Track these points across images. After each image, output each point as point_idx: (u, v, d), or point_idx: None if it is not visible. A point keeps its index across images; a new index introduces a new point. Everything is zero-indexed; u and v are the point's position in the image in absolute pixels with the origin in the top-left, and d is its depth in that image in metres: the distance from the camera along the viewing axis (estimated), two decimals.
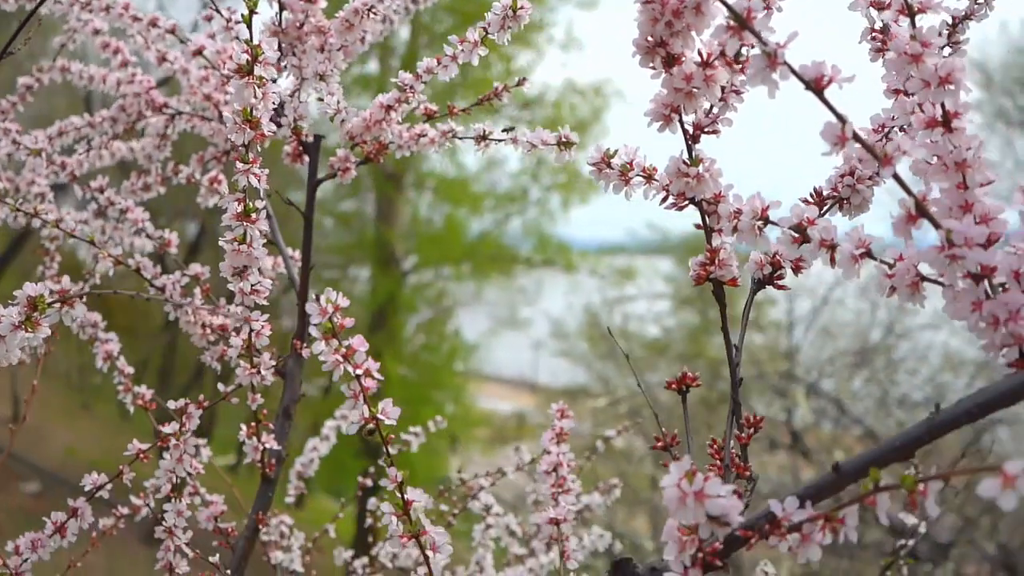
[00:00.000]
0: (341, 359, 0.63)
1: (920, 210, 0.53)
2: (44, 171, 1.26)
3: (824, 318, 7.75)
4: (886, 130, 0.70)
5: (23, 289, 0.68)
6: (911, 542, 1.10)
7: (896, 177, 0.53)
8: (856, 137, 0.51)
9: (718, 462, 0.65)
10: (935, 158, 0.56)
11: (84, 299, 1.01)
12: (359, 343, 0.64)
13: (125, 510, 1.13)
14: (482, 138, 0.99)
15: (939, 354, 7.35)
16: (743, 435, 0.65)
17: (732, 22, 0.51)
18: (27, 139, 1.15)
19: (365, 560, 1.35)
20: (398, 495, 0.66)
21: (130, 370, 1.12)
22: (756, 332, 9.64)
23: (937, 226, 0.52)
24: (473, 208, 11.83)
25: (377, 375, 0.64)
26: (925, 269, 0.56)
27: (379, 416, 0.65)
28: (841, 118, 0.51)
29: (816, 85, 0.52)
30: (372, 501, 1.21)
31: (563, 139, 0.86)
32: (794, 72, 0.51)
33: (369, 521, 1.38)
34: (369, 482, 1.47)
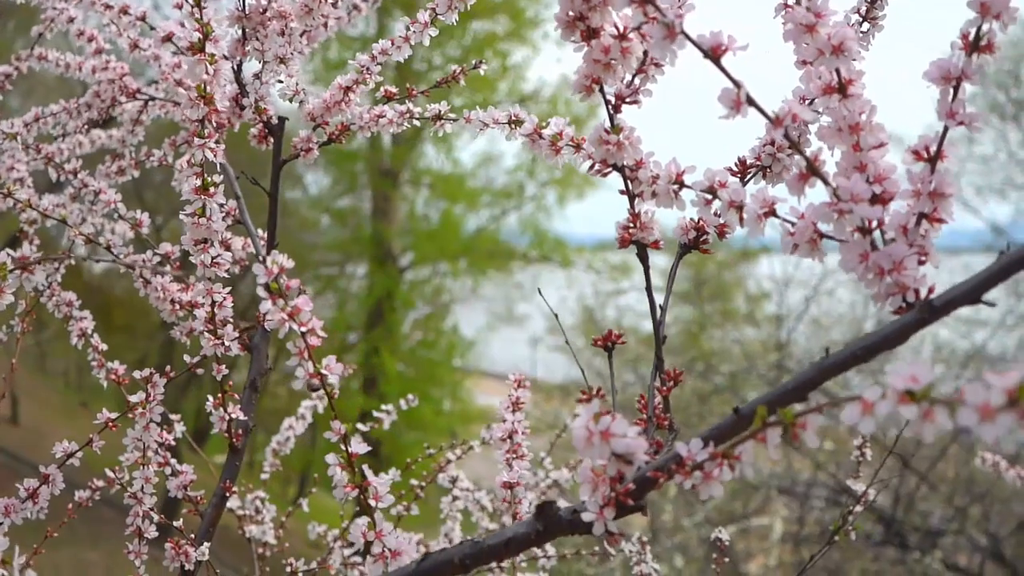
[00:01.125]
0: (287, 318, 0.67)
1: (811, 169, 0.56)
2: (22, 156, 1.30)
3: (819, 310, 7.80)
4: (806, 101, 0.74)
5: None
6: (858, 508, 1.14)
7: (787, 138, 0.56)
8: (750, 101, 0.55)
9: (643, 415, 0.69)
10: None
11: (59, 269, 1.05)
12: (304, 303, 0.68)
13: (100, 482, 1.17)
14: (437, 118, 1.03)
15: (930, 345, 7.41)
16: (664, 388, 0.69)
17: None
18: (3, 124, 1.19)
19: (336, 532, 1.40)
20: (342, 447, 0.70)
21: (104, 347, 1.16)
22: (751, 327, 9.68)
23: (827, 183, 0.56)
24: (469, 204, 11.87)
25: (321, 333, 0.68)
26: (824, 227, 0.60)
27: (323, 371, 0.68)
28: (737, 84, 0.55)
29: (714, 54, 0.55)
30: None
31: (513, 118, 0.90)
32: (692, 41, 0.55)
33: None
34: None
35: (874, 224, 0.56)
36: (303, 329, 0.68)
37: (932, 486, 6.19)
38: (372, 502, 0.70)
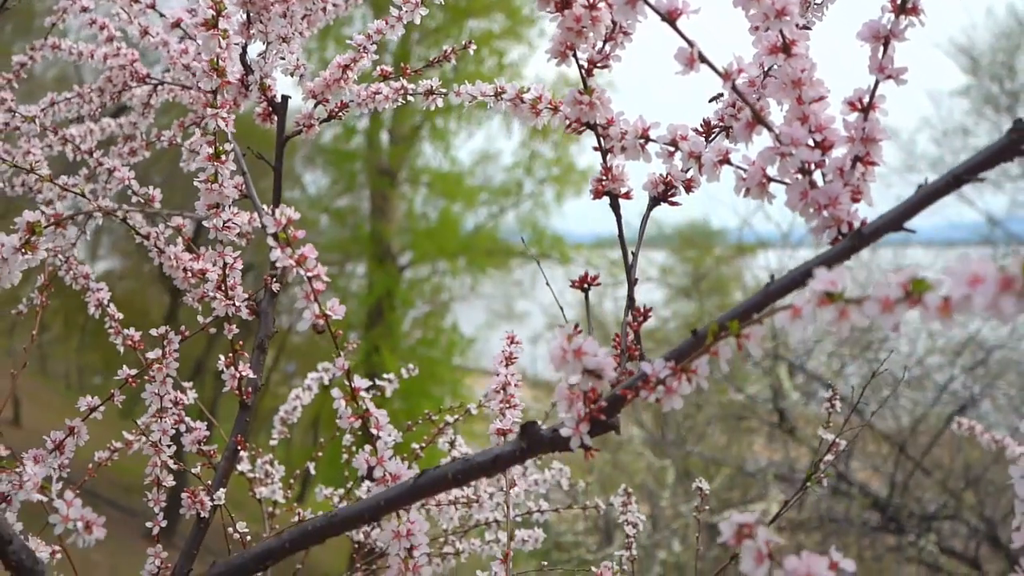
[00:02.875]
0: (295, 264, 0.74)
1: (757, 118, 0.64)
2: (36, 141, 1.38)
3: None
4: (766, 68, 0.81)
5: (22, 217, 0.79)
6: (830, 457, 1.22)
7: (735, 91, 0.64)
8: (702, 58, 0.63)
9: (617, 349, 0.77)
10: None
11: (75, 244, 1.12)
12: (309, 251, 0.75)
13: (118, 444, 1.25)
14: (429, 92, 1.10)
15: (925, 335, 7.50)
16: (635, 323, 0.76)
17: None
18: (22, 108, 1.26)
19: (342, 491, 1.47)
20: (346, 383, 0.78)
21: (120, 315, 1.23)
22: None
23: (771, 130, 0.63)
24: (468, 203, 11.96)
25: (325, 278, 0.75)
26: (771, 172, 0.67)
27: (328, 312, 0.76)
28: (690, 43, 0.63)
29: (670, 16, 0.63)
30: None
31: (499, 90, 0.97)
32: (650, 6, 0.62)
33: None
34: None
35: (813, 165, 0.63)
36: (310, 274, 0.75)
37: (927, 472, 6.27)
38: (374, 431, 0.78)
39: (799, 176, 0.63)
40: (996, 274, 0.40)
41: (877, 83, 0.64)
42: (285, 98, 1.13)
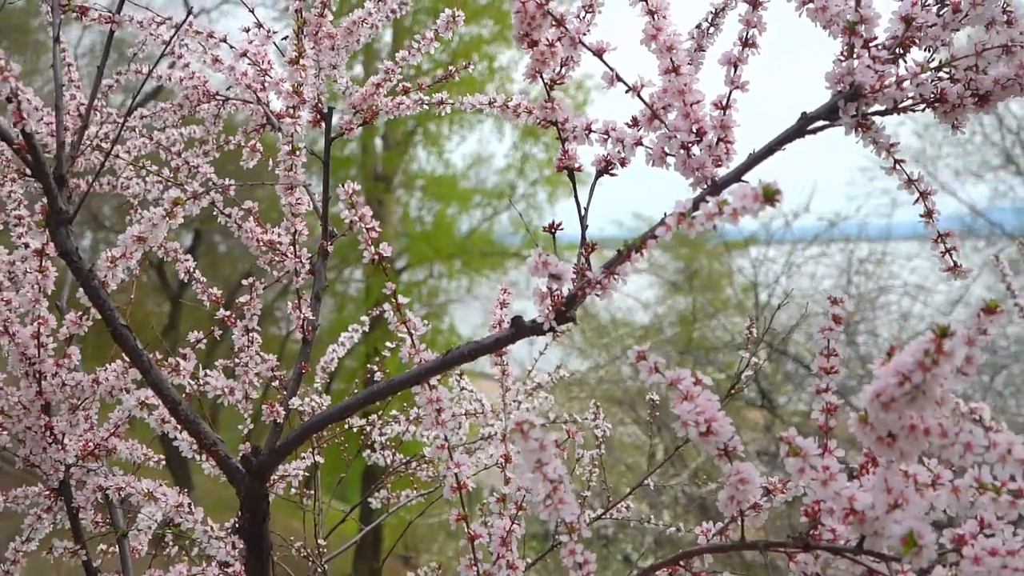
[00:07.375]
0: (357, 219, 1.12)
1: (653, 114, 1.01)
2: (120, 147, 1.75)
3: (799, 288, 8.30)
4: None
5: (168, 194, 1.16)
6: (749, 373, 1.58)
7: (642, 99, 1.01)
8: (619, 78, 1.00)
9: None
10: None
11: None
12: (367, 210, 1.13)
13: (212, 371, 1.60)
14: (442, 102, 1.48)
15: (918, 321, 7.91)
16: (587, 251, 1.13)
17: (554, 22, 1.00)
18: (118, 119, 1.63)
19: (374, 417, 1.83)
20: (393, 300, 1.15)
21: (204, 280, 1.60)
22: (739, 316, 10.10)
23: (663, 122, 1.01)
24: (462, 205, 12.33)
25: (378, 228, 1.13)
26: (667, 149, 1.04)
27: (380, 252, 1.13)
28: (611, 69, 1.00)
29: (598, 52, 1.00)
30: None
31: (491, 100, 1.35)
32: (585, 47, 1.00)
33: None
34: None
35: (691, 144, 1.01)
36: (367, 226, 1.12)
37: None
38: (412, 331, 1.15)
39: (682, 151, 1.01)
40: (752, 191, 0.77)
41: (731, 92, 1.02)
42: (331, 108, 1.50)
